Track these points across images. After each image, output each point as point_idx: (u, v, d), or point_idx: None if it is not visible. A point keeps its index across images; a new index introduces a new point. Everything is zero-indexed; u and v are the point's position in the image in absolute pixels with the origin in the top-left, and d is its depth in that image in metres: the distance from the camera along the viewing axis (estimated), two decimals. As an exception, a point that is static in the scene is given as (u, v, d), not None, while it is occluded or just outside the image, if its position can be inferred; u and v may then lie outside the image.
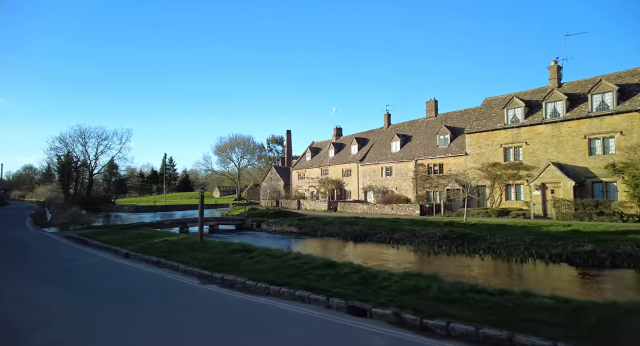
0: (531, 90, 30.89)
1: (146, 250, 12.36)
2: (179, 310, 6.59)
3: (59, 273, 9.97)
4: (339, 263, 8.60)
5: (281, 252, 10.48)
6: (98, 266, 11.04)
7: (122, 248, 13.02)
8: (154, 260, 11.08)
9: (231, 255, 10.65)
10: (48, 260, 12.08)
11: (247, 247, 11.41)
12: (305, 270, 8.31)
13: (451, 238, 16.51)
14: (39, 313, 6.44)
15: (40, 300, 7.30)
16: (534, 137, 27.54)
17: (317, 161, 52.17)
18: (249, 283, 7.89)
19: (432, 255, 15.06)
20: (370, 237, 18.92)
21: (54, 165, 57.52)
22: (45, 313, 6.47)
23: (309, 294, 6.76)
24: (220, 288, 8.17)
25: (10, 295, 7.76)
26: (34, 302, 7.15)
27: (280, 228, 24.44)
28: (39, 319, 6.10)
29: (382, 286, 6.78)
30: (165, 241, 13.97)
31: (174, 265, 10.17)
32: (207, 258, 10.42)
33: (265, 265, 9.17)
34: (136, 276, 9.57)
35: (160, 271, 10.03)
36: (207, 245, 12.38)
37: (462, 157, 32.45)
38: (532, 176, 27.10)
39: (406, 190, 36.75)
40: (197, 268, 9.45)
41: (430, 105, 39.95)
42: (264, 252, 10.66)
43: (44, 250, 14.48)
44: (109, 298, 7.52)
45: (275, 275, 8.14)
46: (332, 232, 20.85)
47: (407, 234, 18.03)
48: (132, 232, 17.73)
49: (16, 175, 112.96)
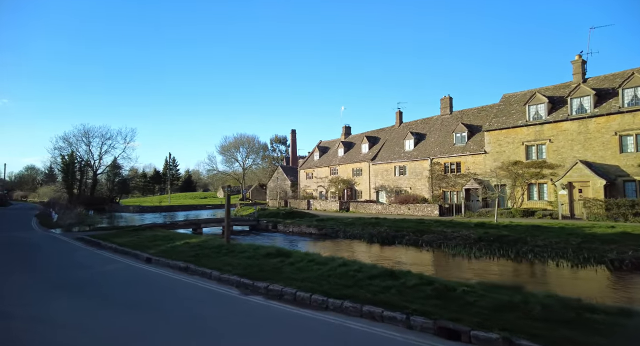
0: (553, 86, 29.84)
1: (169, 255, 11.36)
2: (228, 330, 5.58)
3: (80, 282, 8.95)
4: (401, 272, 7.54)
5: (324, 258, 9.44)
6: (120, 273, 10.02)
7: (142, 252, 12.02)
8: (181, 266, 10.05)
9: (267, 260, 9.63)
10: (64, 266, 11.07)
11: (282, 251, 10.39)
12: (361, 279, 7.29)
13: (487, 240, 15.49)
14: (70, 338, 5.44)
15: (68, 320, 6.21)
16: (558, 134, 26.49)
17: (326, 160, 51.15)
18: (301, 295, 6.88)
19: (474, 259, 14.03)
20: (397, 239, 17.89)
21: (57, 165, 56.58)
22: (78, 337, 5.46)
23: (381, 310, 5.72)
24: (266, 300, 7.16)
25: (32, 312, 6.71)
26: (62, 323, 6.10)
27: (298, 230, 23.40)
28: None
29: (466, 302, 5.75)
30: (187, 244, 12.96)
31: (206, 272, 9.15)
32: (241, 264, 9.40)
33: (311, 272, 8.15)
34: (166, 285, 8.55)
35: (190, 279, 9.01)
36: (236, 248, 11.35)
37: (480, 156, 31.42)
38: (557, 175, 26.06)
39: (421, 189, 35.71)
40: (234, 275, 8.43)
41: (445, 102, 38.89)
42: (303, 257, 9.64)
43: (57, 254, 13.48)
44: (143, 315, 6.49)
45: (329, 285, 7.13)
46: (355, 234, 19.80)
47: (438, 236, 17.01)
48: (147, 234, 16.72)
49: (18, 176, 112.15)
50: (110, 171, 59.47)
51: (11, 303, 7.35)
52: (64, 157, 54.29)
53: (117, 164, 59.06)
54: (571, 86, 27.82)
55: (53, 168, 75.64)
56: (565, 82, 28.93)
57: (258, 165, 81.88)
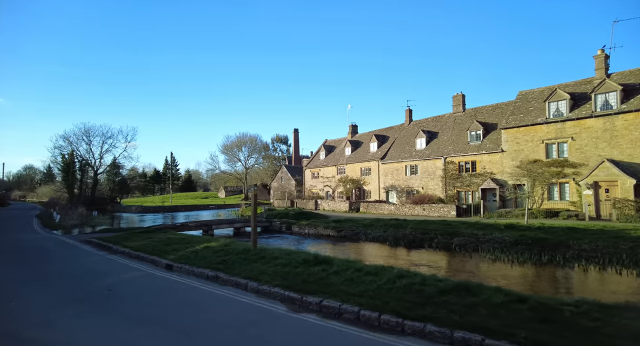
0: (573, 82, 28.87)
1: (192, 261, 10.30)
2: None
3: (99, 294, 7.87)
4: (476, 286, 6.49)
5: (373, 267, 8.37)
6: (141, 283, 8.95)
7: (160, 258, 10.94)
8: (209, 275, 9.00)
9: (306, 268, 8.57)
10: (78, 274, 9.98)
11: (319, 257, 9.30)
12: (432, 295, 6.25)
13: (525, 244, 14.48)
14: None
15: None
16: (581, 132, 25.52)
17: (333, 159, 50.10)
18: (366, 314, 5.83)
19: (517, 265, 12.99)
20: (425, 242, 16.85)
21: (57, 164, 55.22)
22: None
23: (481, 338, 4.68)
24: (323, 319, 6.10)
25: (49, 336, 5.66)
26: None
27: (314, 231, 22.31)
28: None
29: (586, 329, 4.67)
30: (208, 248, 11.89)
31: (240, 282, 8.09)
32: (278, 273, 8.35)
33: (366, 285, 7.11)
34: (197, 299, 7.48)
35: (222, 291, 7.95)
36: (265, 253, 10.28)
37: (497, 154, 30.44)
38: (580, 174, 25.10)
39: (434, 189, 34.71)
40: (276, 287, 7.38)
41: (458, 100, 37.89)
42: (346, 265, 8.57)
43: (67, 259, 12.36)
44: (183, 340, 5.45)
45: (395, 302, 6.09)
46: (377, 236, 18.74)
47: (470, 239, 15.99)
48: (160, 237, 15.63)
49: (16, 176, 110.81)
50: (110, 170, 58.24)
51: (25, 321, 6.29)
52: (64, 156, 53.04)
53: (117, 163, 57.84)
54: (593, 82, 26.88)
55: (52, 167, 74.28)
56: (587, 78, 27.97)
57: (260, 165, 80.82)
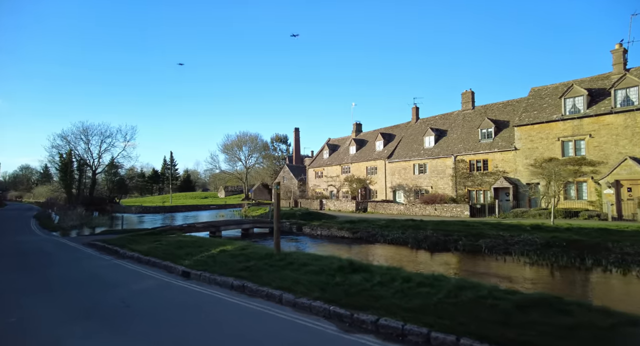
0: (589, 77, 28.09)
1: (210, 267, 9.31)
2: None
3: (111, 309, 6.83)
4: (565, 302, 5.45)
5: (423, 276, 7.37)
6: (156, 294, 7.93)
7: (175, 264, 9.93)
8: (234, 284, 7.98)
9: (344, 277, 7.59)
10: (85, 283, 8.94)
11: (356, 264, 8.27)
12: (508, 311, 5.27)
13: (559, 246, 13.59)
14: None
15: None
16: (600, 129, 24.72)
17: (337, 158, 49.17)
18: (439, 338, 4.87)
19: (558, 270, 12.09)
20: (449, 244, 15.91)
21: (55, 163, 53.88)
22: None
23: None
24: (384, 342, 5.14)
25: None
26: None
27: (328, 232, 21.31)
28: None
29: None
30: (225, 252, 10.91)
31: (273, 294, 7.11)
32: (313, 282, 7.38)
33: (422, 298, 6.13)
34: (226, 314, 6.45)
35: (253, 304, 6.96)
36: (291, 259, 9.26)
37: (510, 152, 29.62)
38: (599, 172, 24.31)
39: (443, 188, 33.85)
40: (318, 300, 6.38)
41: (467, 97, 37.03)
42: (389, 273, 7.60)
43: (71, 265, 11.29)
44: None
45: (470, 321, 5.14)
46: (396, 238, 17.77)
47: (497, 241, 15.08)
48: (169, 239, 14.62)
49: (13, 176, 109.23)
50: (109, 170, 56.98)
51: (28, 342, 5.33)
52: (62, 156, 51.75)
53: (115, 163, 56.56)
54: (611, 77, 26.09)
55: (49, 167, 72.93)
56: (604, 74, 27.18)
57: (261, 164, 79.79)
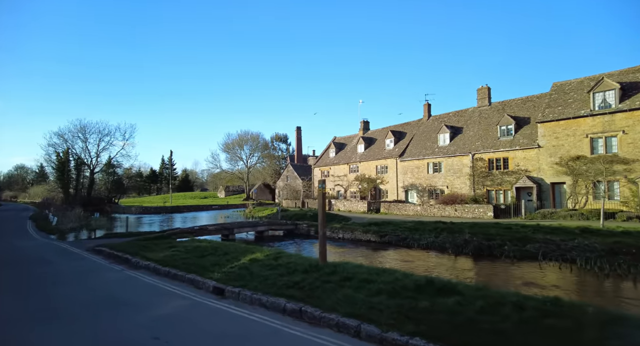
0: (618, 71, 26.78)
1: (248, 282, 7.65)
2: None
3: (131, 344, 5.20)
4: None
5: (534, 300, 5.73)
6: (192, 321, 6.00)
7: (202, 278, 8.23)
8: (287, 307, 6.24)
9: (429, 299, 5.75)
10: (94, 304, 7.01)
11: (437, 282, 6.24)
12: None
13: (627, 253, 12.13)
14: None
15: None
16: (635, 124, 23.35)
17: (344, 157, 47.66)
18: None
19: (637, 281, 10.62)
20: (493, 249, 14.36)
21: (52, 162, 51.96)
22: None
23: None
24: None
25: None
26: None
27: (351, 236, 19.63)
28: None
29: None
30: (257, 261, 9.24)
31: (346, 324, 5.31)
32: (391, 307, 5.68)
33: (560, 339, 4.64)
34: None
35: (322, 337, 5.07)
36: (345, 272, 7.49)
37: (533, 150, 28.21)
38: (634, 171, 22.97)
39: (460, 188, 32.40)
40: (416, 337, 4.83)
41: (483, 93, 35.64)
42: (481, 294, 6.03)
43: (74, 278, 9.33)
44: None
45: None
46: (430, 243, 16.14)
47: (550, 247, 13.54)
48: (186, 245, 12.94)
49: (7, 175, 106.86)
50: (107, 170, 55.11)
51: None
52: (59, 154, 49.88)
53: (113, 163, 54.70)
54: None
55: (45, 166, 70.95)
56: (635, 66, 25.84)
57: (263, 163, 78.09)
